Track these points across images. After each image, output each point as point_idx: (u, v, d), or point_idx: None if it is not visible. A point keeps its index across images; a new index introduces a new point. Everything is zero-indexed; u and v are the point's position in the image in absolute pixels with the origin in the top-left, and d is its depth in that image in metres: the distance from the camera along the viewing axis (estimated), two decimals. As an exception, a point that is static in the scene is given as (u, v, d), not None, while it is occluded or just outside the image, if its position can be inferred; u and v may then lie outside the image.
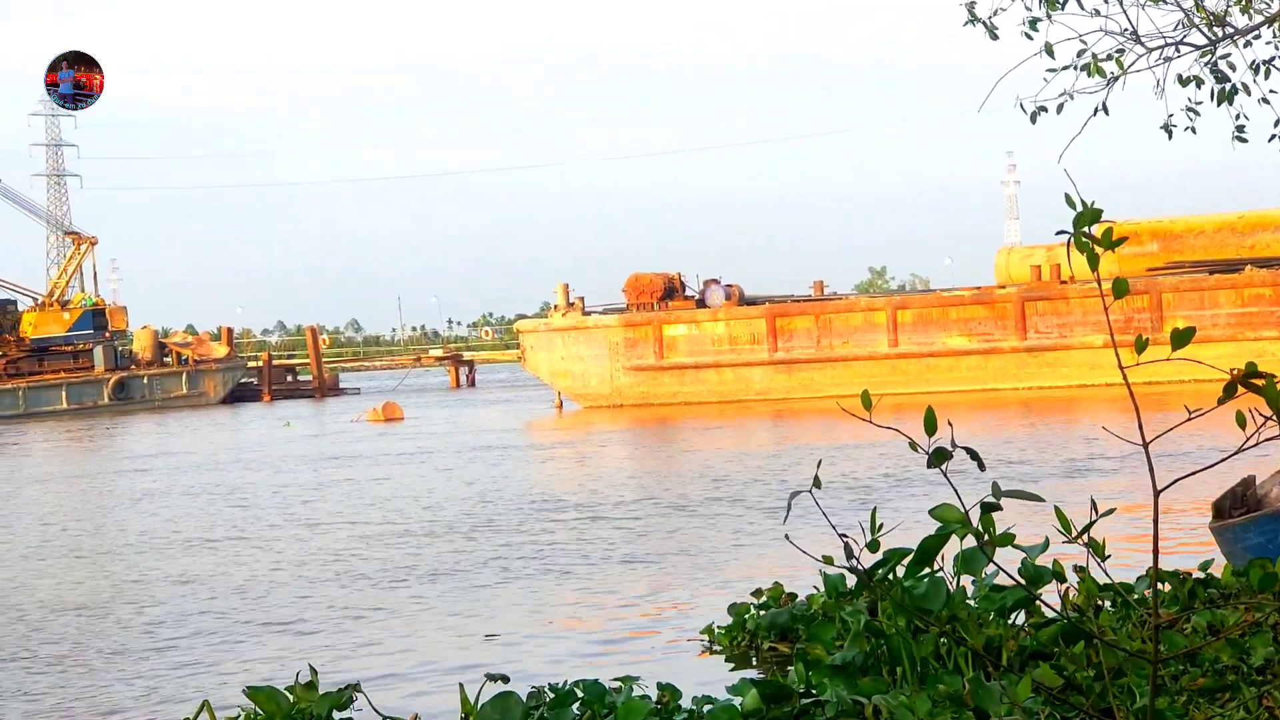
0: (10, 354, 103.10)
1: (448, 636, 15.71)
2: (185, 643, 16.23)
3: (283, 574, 20.92)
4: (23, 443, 66.14)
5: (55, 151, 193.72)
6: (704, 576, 18.65)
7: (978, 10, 9.77)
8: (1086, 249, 5.29)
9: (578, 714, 9.16)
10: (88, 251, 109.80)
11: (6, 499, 36.20)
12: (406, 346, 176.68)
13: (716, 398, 64.04)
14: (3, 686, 14.55)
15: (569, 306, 68.42)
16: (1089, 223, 5.26)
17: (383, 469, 38.98)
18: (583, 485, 31.56)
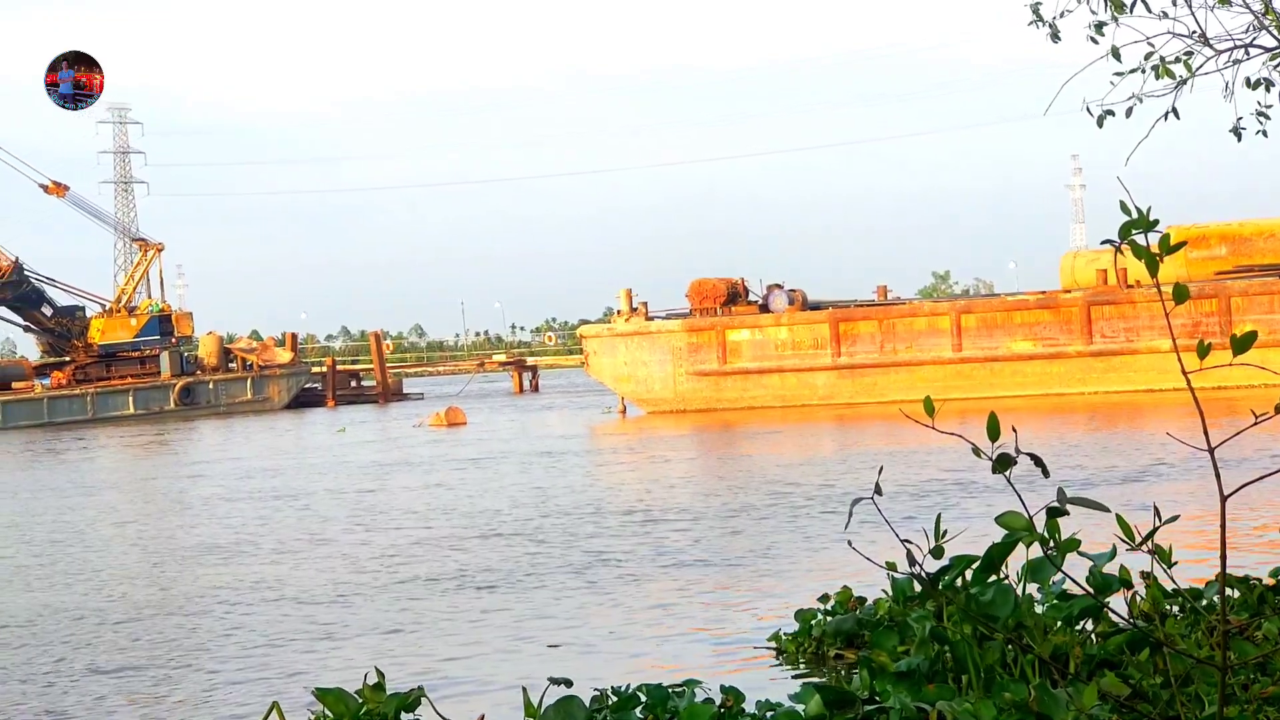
0: (79, 360, 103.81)
1: (511, 641, 15.73)
2: (253, 645, 16.32)
3: (346, 578, 21.00)
4: (91, 447, 66.61)
5: (122, 159, 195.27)
6: (770, 581, 18.61)
7: (1042, 12, 9.71)
8: (1145, 255, 5.25)
9: (640, 717, 9.14)
10: (154, 257, 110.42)
11: (76, 504, 36.45)
12: (470, 352, 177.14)
13: (779, 402, 63.91)
14: (73, 688, 14.65)
15: (632, 311, 68.41)
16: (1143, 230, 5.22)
17: (445, 474, 39.07)
18: (647, 490, 31.54)
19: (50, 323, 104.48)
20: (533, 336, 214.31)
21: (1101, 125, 9.76)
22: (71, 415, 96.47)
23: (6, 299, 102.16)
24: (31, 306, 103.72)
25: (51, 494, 40.02)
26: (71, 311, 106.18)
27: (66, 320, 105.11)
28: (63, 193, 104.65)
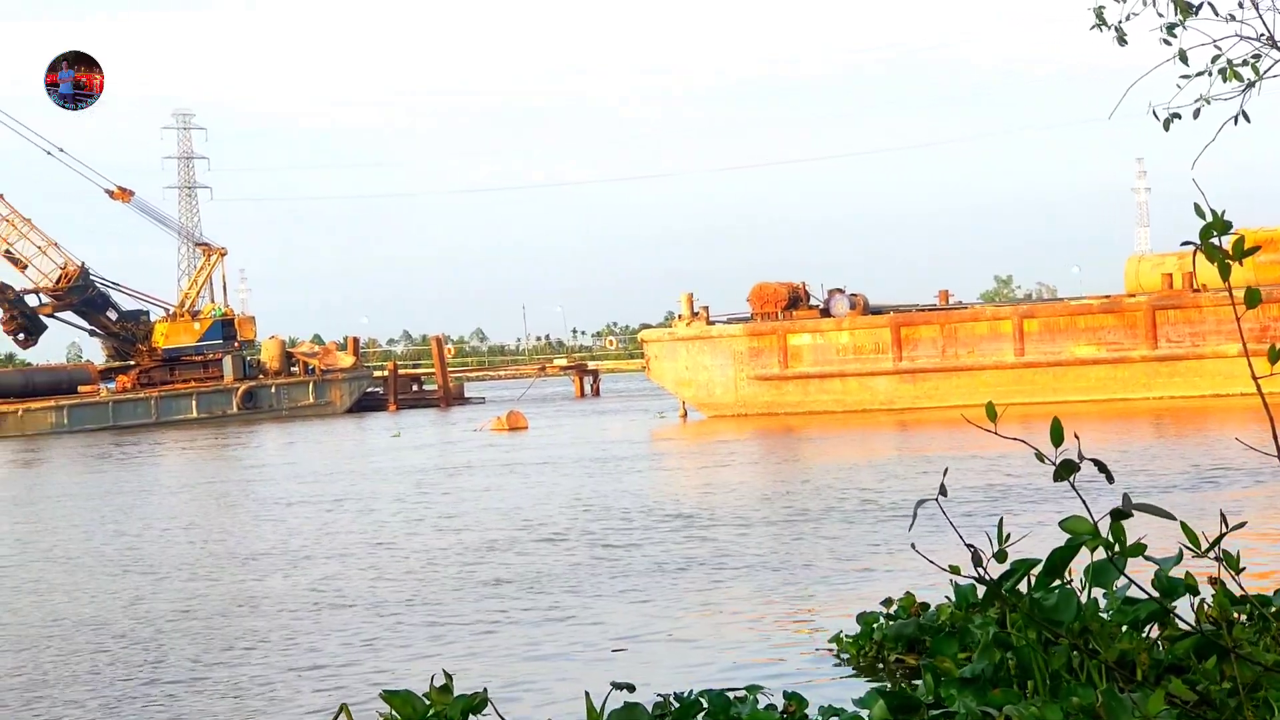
0: (143, 364, 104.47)
1: (572, 645, 15.73)
2: (320, 648, 16.39)
3: (408, 583, 21.05)
4: (155, 451, 67.03)
5: (186, 164, 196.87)
6: (832, 586, 18.56)
7: (1106, 15, 9.66)
8: (1218, 259, 5.21)
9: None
10: (217, 262, 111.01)
11: (140, 507, 36.68)
12: (531, 356, 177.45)
13: (840, 407, 63.79)
14: (140, 691, 14.74)
15: (693, 316, 68.40)
16: (1219, 233, 5.18)
17: (506, 478, 39.14)
18: (708, 495, 31.51)
19: (115, 327, 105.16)
20: (594, 341, 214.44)
21: (1168, 129, 9.70)
22: (136, 419, 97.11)
23: (73, 304, 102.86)
24: (97, 311, 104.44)
25: (116, 497, 40.29)
26: (136, 316, 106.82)
27: (131, 324, 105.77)
28: (128, 198, 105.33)
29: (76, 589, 22.43)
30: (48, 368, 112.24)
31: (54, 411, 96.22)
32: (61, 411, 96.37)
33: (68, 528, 32.31)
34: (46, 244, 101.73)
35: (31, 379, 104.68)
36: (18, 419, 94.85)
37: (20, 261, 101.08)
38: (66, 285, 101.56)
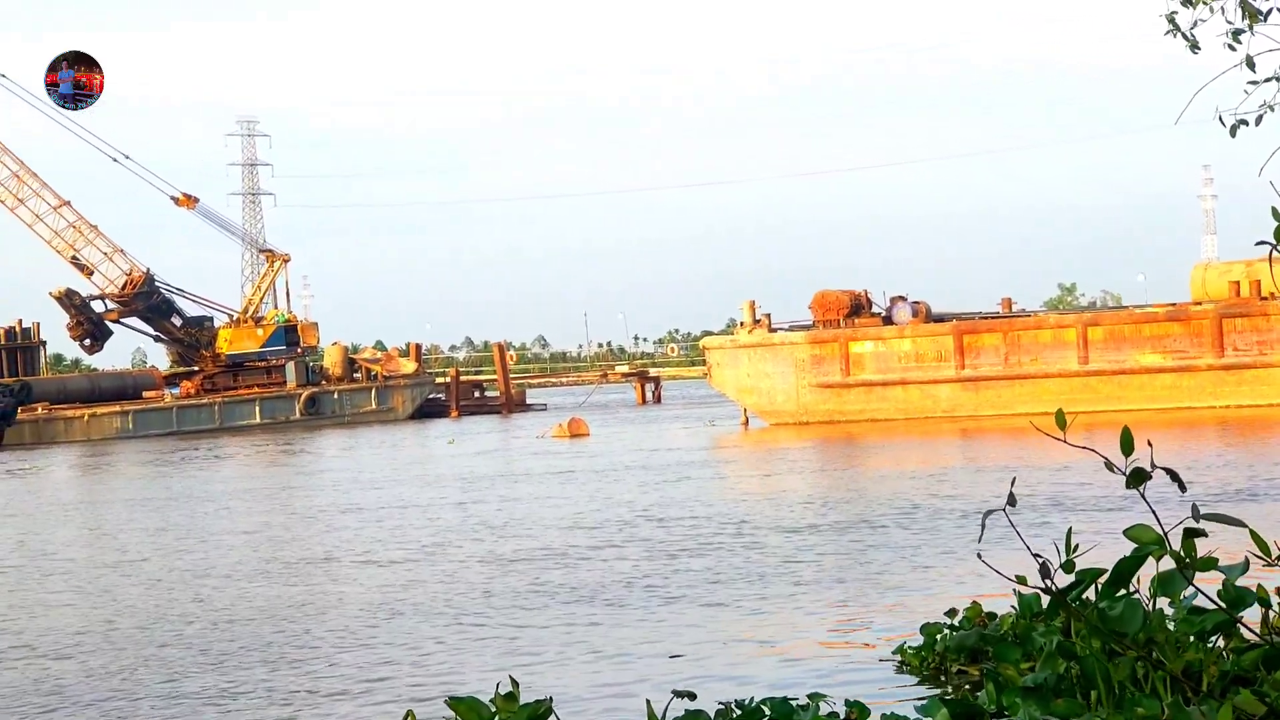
0: (207, 369, 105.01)
1: (634, 653, 15.72)
2: (384, 653, 16.43)
3: (470, 589, 21.08)
4: (218, 456, 67.39)
5: (250, 170, 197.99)
6: (896, 594, 18.49)
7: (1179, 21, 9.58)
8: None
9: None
10: (281, 268, 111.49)
11: (204, 512, 36.87)
12: (593, 363, 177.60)
13: (902, 415, 63.58)
14: (203, 695, 14.80)
15: (755, 323, 68.34)
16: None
17: (568, 485, 39.17)
18: (770, 503, 31.45)
19: (179, 333, 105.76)
20: (655, 348, 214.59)
21: (1235, 135, 9.62)
22: (199, 424, 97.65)
23: (138, 309, 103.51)
24: (162, 317, 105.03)
25: (180, 502, 40.51)
26: (200, 322, 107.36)
27: (195, 330, 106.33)
28: (192, 204, 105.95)
29: (143, 594, 22.54)
30: (113, 373, 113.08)
31: (119, 416, 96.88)
32: (127, 416, 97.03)
33: (134, 532, 32.50)
34: (112, 250, 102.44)
35: (97, 384, 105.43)
36: (84, 424, 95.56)
37: (87, 268, 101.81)
38: (132, 291, 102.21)
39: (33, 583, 24.64)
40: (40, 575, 25.55)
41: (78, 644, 18.16)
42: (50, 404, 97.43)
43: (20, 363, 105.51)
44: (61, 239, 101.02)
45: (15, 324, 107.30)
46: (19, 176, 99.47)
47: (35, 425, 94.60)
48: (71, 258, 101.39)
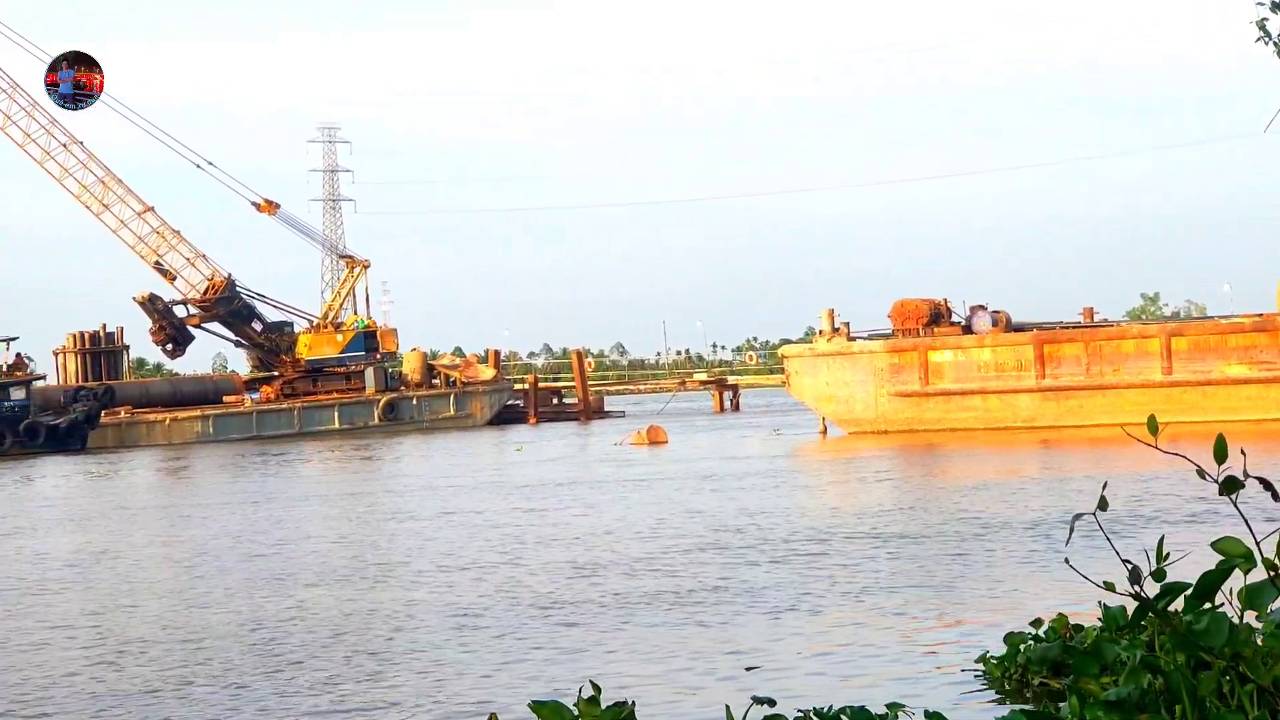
0: (287, 375, 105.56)
1: (713, 660, 15.65)
2: (465, 657, 16.44)
3: (550, 595, 21.07)
4: (297, 461, 67.76)
5: (331, 177, 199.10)
6: (975, 605, 18.35)
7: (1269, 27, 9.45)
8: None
9: (843, 741, 8.98)
10: (360, 274, 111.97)
11: (284, 517, 37.04)
12: (671, 370, 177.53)
13: (982, 424, 63.17)
14: (283, 700, 14.84)
15: (834, 331, 68.11)
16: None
17: (647, 493, 39.14)
18: (849, 512, 31.31)
19: (260, 338, 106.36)
20: (734, 355, 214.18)
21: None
22: (279, 429, 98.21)
23: (219, 315, 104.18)
24: (243, 322, 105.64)
25: (261, 506, 40.74)
26: (280, 327, 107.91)
27: (275, 336, 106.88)
28: (273, 210, 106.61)
29: (224, 596, 22.66)
30: (194, 378, 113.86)
31: (200, 421, 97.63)
32: (207, 421, 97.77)
33: (215, 537, 32.71)
34: (195, 256, 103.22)
35: (179, 388, 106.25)
36: (165, 428, 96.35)
37: (169, 273, 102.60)
38: (213, 296, 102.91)
39: (113, 585, 24.81)
40: (120, 579, 25.72)
41: (150, 649, 18.26)
42: (133, 408, 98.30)
43: (104, 367, 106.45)
44: (145, 244, 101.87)
45: (100, 328, 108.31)
46: (105, 183, 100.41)
47: (118, 428, 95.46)
48: (155, 263, 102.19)
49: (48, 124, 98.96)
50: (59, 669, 17.08)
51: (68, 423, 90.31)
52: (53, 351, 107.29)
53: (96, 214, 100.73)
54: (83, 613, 21.63)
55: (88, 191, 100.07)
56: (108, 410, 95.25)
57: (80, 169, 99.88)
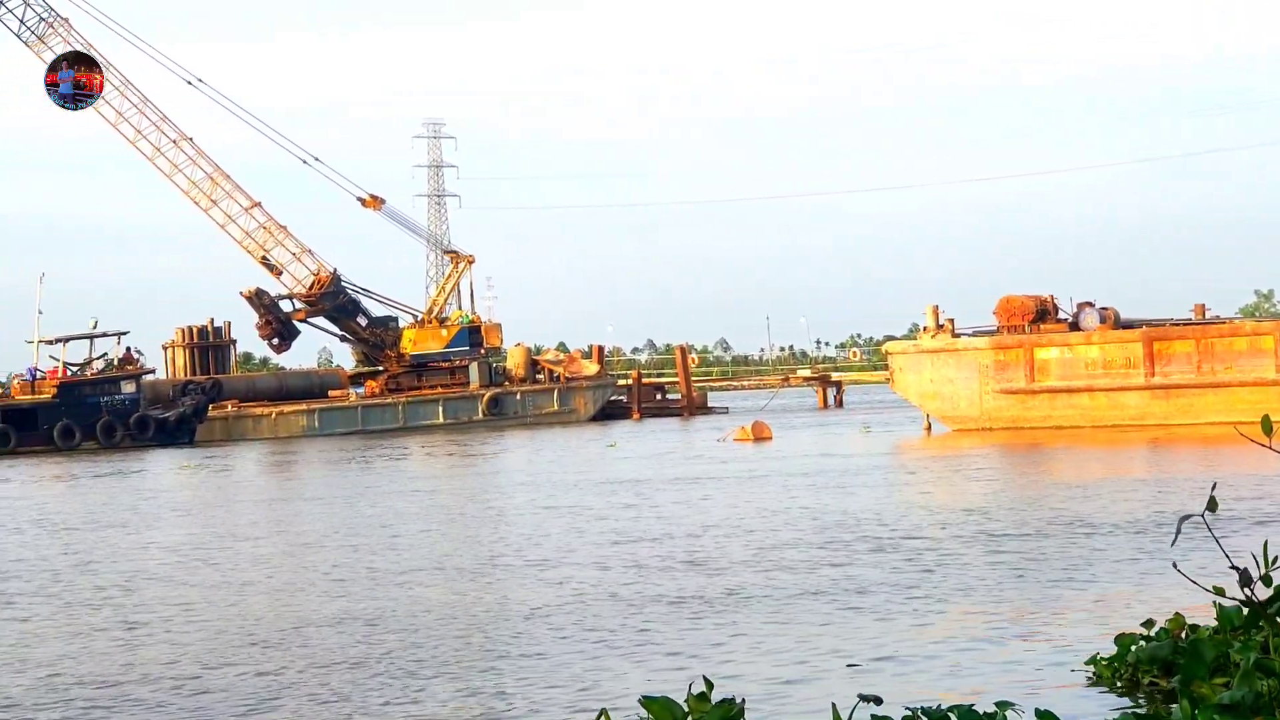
0: (391, 369, 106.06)
1: (816, 658, 15.55)
2: (575, 652, 16.44)
3: (656, 590, 21.04)
4: (402, 456, 68.09)
5: (436, 173, 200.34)
6: (1085, 605, 18.14)
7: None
8: None
9: (950, 740, 8.87)
10: (465, 269, 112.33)
11: (390, 512, 37.21)
12: (775, 366, 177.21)
13: (1089, 422, 62.55)
14: (396, 694, 14.89)
15: (939, 328, 67.68)
16: None
17: (752, 489, 39.03)
18: (955, 509, 31.06)
19: (365, 333, 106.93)
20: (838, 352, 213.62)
21: None
22: (383, 424, 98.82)
23: (325, 309, 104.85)
24: (348, 316, 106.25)
25: (367, 500, 40.97)
26: (385, 322, 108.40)
27: (380, 330, 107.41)
28: (379, 206, 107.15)
29: (335, 591, 22.77)
30: (300, 372, 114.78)
31: (305, 415, 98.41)
32: (313, 415, 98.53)
33: (326, 531, 32.92)
34: (301, 251, 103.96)
35: (285, 383, 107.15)
36: (271, 422, 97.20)
37: (275, 268, 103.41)
38: (319, 291, 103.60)
39: (228, 577, 25.00)
40: (231, 569, 25.92)
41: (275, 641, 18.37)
42: (239, 402, 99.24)
43: (212, 361, 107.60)
44: (252, 239, 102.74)
45: (208, 323, 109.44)
46: (213, 178, 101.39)
47: (225, 422, 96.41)
48: (261, 258, 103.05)
49: (158, 120, 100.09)
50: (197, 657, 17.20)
51: (176, 416, 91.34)
52: (162, 346, 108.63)
53: (205, 209, 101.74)
54: (207, 602, 21.78)
55: (196, 187, 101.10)
56: (215, 404, 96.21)
57: (189, 165, 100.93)
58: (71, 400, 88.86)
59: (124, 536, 32.99)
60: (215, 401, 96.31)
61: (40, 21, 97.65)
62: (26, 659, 17.69)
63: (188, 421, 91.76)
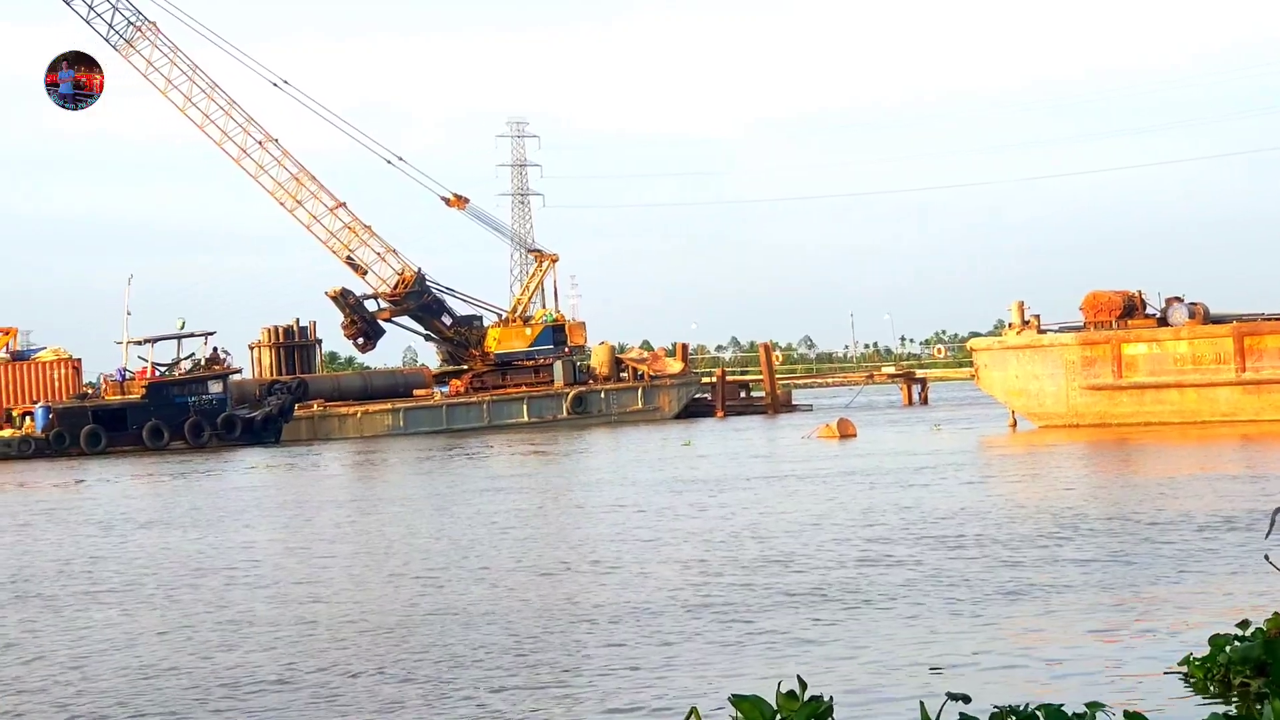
0: (475, 368, 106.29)
1: (902, 656, 15.47)
2: (663, 651, 16.43)
3: (744, 588, 21.01)
4: (486, 454, 68.26)
5: (519, 172, 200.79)
6: (1176, 604, 17.96)
7: None
8: None
9: (1038, 739, 8.80)
10: (549, 268, 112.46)
11: (478, 511, 37.31)
12: (859, 363, 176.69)
13: (1177, 418, 61.94)
14: (479, 689, 14.91)
15: (1024, 324, 67.22)
16: None
17: (838, 486, 38.90)
18: (1042, 506, 30.82)
19: (449, 332, 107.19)
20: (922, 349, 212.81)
21: None
22: (468, 422, 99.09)
23: (409, 309, 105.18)
24: (432, 316, 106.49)
25: (454, 500, 41.10)
26: (469, 321, 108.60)
27: (465, 329, 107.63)
28: (463, 205, 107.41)
29: (428, 585, 22.86)
30: (385, 371, 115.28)
31: (390, 414, 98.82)
32: (398, 414, 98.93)
33: (412, 532, 33.06)
34: (385, 250, 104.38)
35: (370, 382, 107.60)
36: (356, 421, 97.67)
37: (360, 268, 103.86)
38: (404, 291, 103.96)
39: (319, 574, 25.15)
40: (319, 567, 26.06)
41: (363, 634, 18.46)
42: (325, 401, 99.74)
43: (298, 360, 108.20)
44: (337, 239, 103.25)
45: (293, 323, 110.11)
46: (298, 179, 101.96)
47: (311, 421, 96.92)
48: (346, 258, 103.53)
49: (244, 121, 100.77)
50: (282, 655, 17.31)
51: (263, 416, 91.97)
52: (248, 346, 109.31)
53: (290, 210, 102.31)
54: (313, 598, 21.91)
55: (281, 188, 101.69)
56: (301, 404, 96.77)
57: (274, 165, 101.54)
58: (160, 400, 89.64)
59: (226, 535, 33.24)
60: (301, 401, 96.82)
61: (128, 25, 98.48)
62: (138, 655, 17.85)
63: (274, 421, 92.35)
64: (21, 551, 31.50)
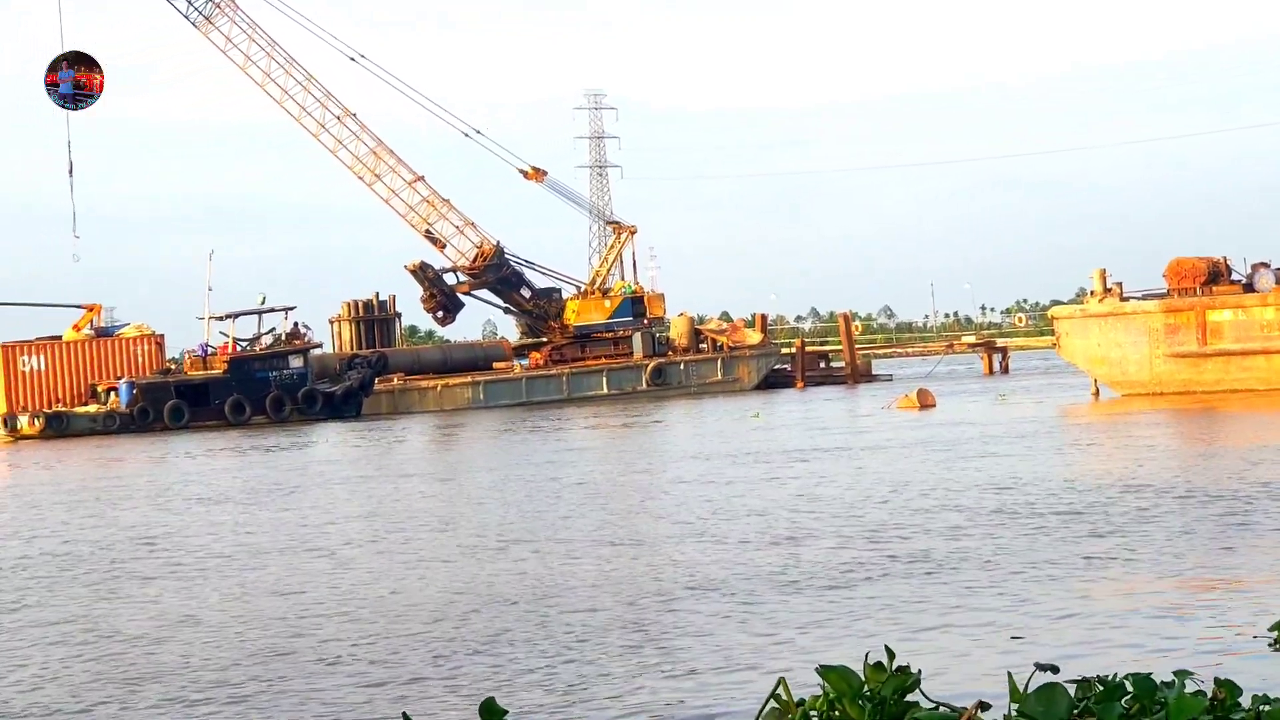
0: (555, 340, 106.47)
1: (989, 626, 15.40)
2: (750, 622, 16.43)
3: (828, 560, 20.98)
4: (568, 428, 68.40)
5: (597, 144, 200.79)
6: (1268, 571, 17.78)
7: None
8: None
9: (1125, 708, 8.69)
10: (627, 240, 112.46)
11: (559, 483, 37.39)
12: (939, 333, 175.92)
13: (1264, 385, 61.31)
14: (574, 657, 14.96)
15: (1106, 292, 66.67)
16: None
17: (920, 456, 38.78)
18: (1129, 475, 30.60)
19: (528, 304, 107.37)
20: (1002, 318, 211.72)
21: None
22: (548, 395, 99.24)
23: (489, 282, 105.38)
24: (511, 289, 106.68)
25: (535, 472, 41.22)
26: (548, 293, 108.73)
27: (544, 302, 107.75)
28: (541, 178, 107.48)
29: (511, 560, 22.94)
30: (464, 344, 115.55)
31: (470, 387, 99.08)
32: (478, 387, 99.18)
33: (492, 504, 33.21)
34: (464, 224, 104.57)
35: (449, 355, 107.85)
36: (436, 394, 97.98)
37: (439, 241, 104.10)
38: (483, 264, 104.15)
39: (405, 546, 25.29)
40: (402, 542, 26.20)
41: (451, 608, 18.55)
42: (405, 375, 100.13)
43: (378, 334, 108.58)
44: (416, 213, 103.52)
45: (373, 297, 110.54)
46: (376, 153, 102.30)
47: (391, 395, 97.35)
48: (425, 231, 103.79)
49: (322, 96, 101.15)
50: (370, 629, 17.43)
51: (344, 390, 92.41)
52: (328, 320, 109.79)
53: (368, 184, 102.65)
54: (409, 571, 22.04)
55: (360, 162, 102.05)
56: (381, 377, 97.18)
57: (352, 140, 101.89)
58: (241, 375, 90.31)
59: (317, 509, 33.49)
60: (381, 375, 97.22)
61: (207, 2, 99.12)
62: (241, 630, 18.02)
63: (354, 395, 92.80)
64: (155, 524, 31.85)
